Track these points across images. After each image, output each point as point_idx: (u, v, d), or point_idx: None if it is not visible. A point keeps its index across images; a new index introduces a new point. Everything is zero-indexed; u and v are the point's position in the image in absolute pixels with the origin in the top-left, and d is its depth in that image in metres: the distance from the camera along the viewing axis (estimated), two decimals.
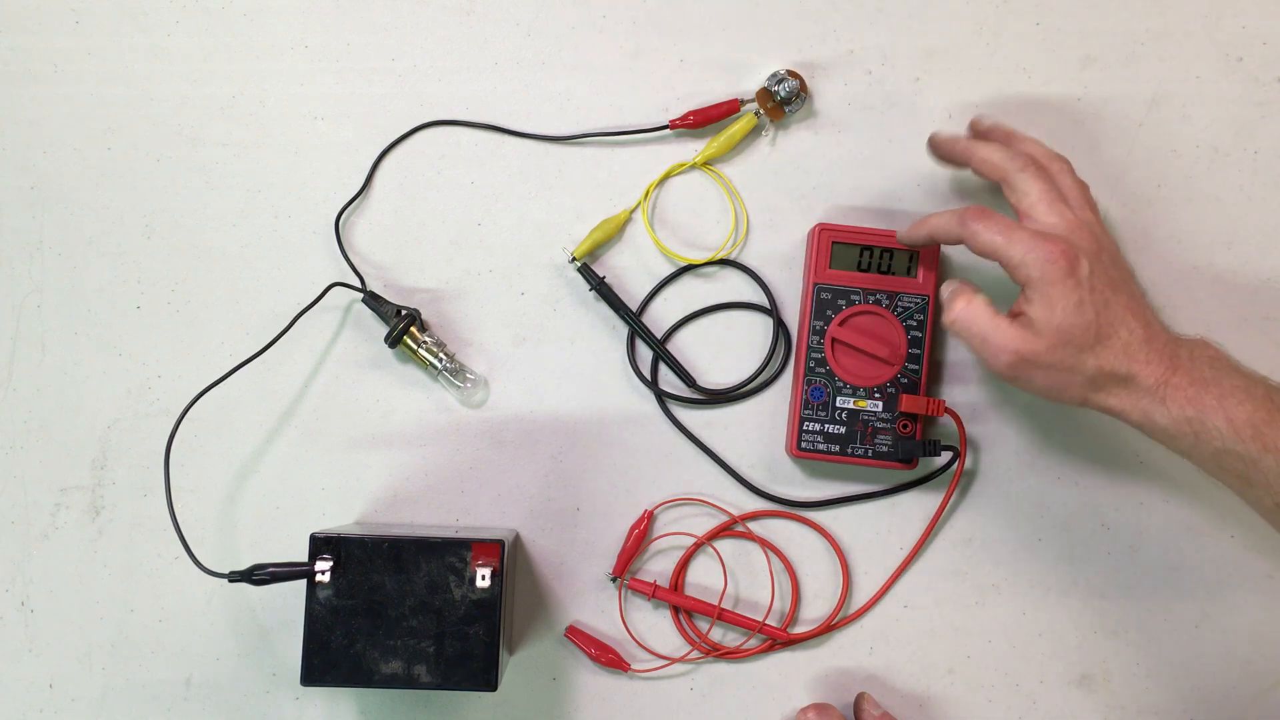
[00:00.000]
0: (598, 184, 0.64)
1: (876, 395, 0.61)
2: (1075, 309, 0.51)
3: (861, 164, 0.64)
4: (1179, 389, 0.51)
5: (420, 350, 0.62)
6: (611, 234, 0.63)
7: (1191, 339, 0.53)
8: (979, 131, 0.60)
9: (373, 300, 0.62)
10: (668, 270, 0.64)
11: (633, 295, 0.64)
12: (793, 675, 0.63)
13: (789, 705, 0.63)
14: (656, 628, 0.63)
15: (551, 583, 0.63)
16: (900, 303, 0.61)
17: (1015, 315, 0.54)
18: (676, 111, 0.64)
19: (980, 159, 0.57)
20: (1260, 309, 0.63)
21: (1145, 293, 0.55)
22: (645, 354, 0.64)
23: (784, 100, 0.62)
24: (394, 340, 0.61)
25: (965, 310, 0.54)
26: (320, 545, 0.53)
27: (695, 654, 0.63)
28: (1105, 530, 0.63)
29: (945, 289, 0.57)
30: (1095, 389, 0.52)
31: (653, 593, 0.62)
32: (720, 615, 0.62)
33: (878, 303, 0.61)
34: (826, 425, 0.61)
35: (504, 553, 0.54)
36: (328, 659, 0.53)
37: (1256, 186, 0.64)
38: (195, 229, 0.64)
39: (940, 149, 0.60)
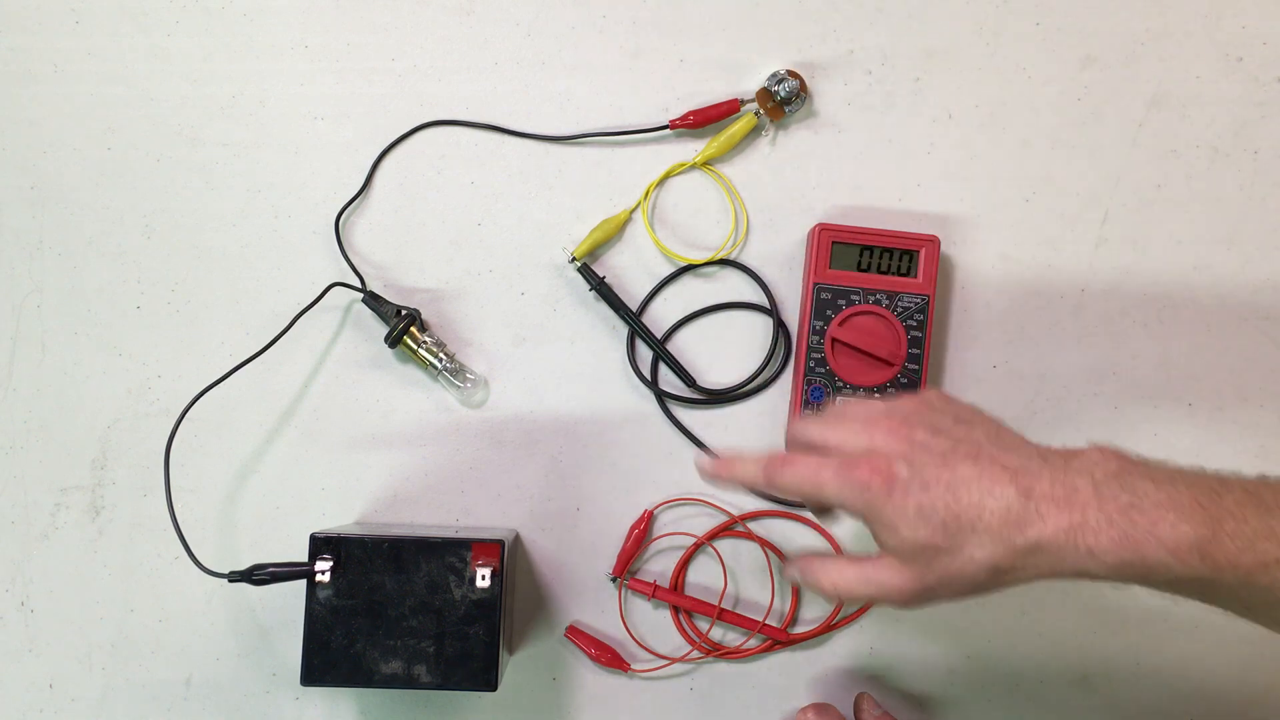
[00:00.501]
0: (598, 184, 0.64)
1: (876, 395, 0.61)
2: (919, 520, 0.43)
3: (861, 164, 0.64)
4: (1100, 533, 0.41)
5: (420, 350, 0.62)
6: (611, 234, 0.63)
7: (1080, 453, 0.44)
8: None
9: (373, 300, 0.62)
10: (668, 270, 0.64)
11: (633, 295, 0.64)
12: (793, 675, 0.63)
13: (789, 705, 0.63)
14: (656, 628, 0.63)
15: (551, 583, 0.63)
16: (900, 303, 0.61)
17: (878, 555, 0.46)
18: (676, 111, 0.64)
19: (749, 472, 0.49)
20: (1260, 309, 0.63)
21: (1001, 426, 0.46)
22: (645, 354, 0.64)
23: (784, 100, 0.62)
24: (394, 340, 0.61)
25: (838, 580, 0.47)
26: (320, 545, 0.53)
27: (695, 654, 0.63)
28: None
29: (793, 570, 0.49)
30: (1009, 573, 0.43)
31: (653, 593, 0.62)
32: (720, 615, 0.62)
33: (878, 303, 0.61)
34: None
35: (504, 553, 0.54)
36: (328, 659, 0.53)
37: (1256, 186, 0.64)
38: (195, 229, 0.64)
39: (710, 473, 0.51)
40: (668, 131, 0.64)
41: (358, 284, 0.63)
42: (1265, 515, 0.41)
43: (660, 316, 0.64)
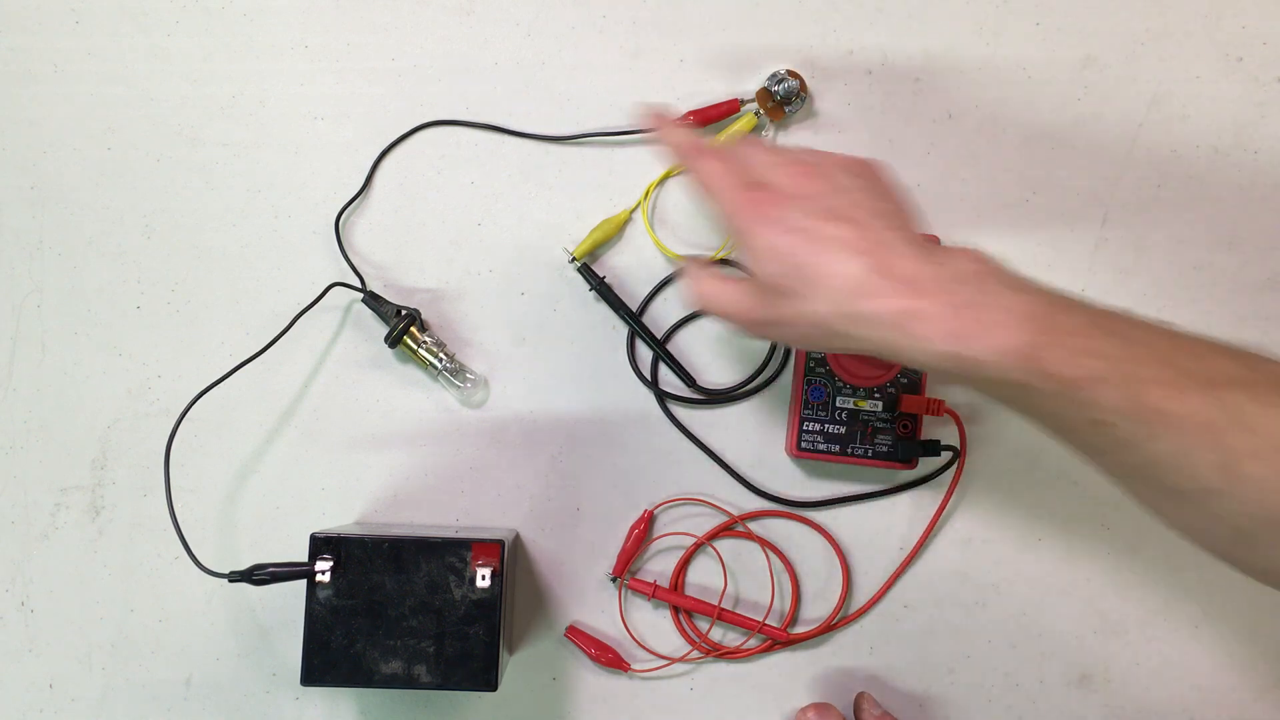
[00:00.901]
0: (598, 184, 0.64)
1: (876, 395, 0.61)
2: (773, 256, 0.45)
3: None
4: (934, 321, 0.42)
5: (420, 350, 0.62)
6: (611, 234, 0.63)
7: (957, 250, 0.45)
8: None
9: (373, 300, 0.62)
10: (668, 270, 0.64)
11: (633, 295, 0.64)
12: (793, 675, 0.63)
13: (789, 705, 0.63)
14: (656, 628, 0.63)
15: (551, 583, 0.63)
16: None
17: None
18: (677, 112, 0.64)
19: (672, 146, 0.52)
20: (1260, 309, 0.63)
21: (905, 214, 0.46)
22: (645, 354, 0.64)
23: (784, 100, 0.62)
24: (394, 340, 0.61)
25: (703, 289, 0.50)
26: (320, 545, 0.53)
27: (695, 654, 0.63)
28: (1105, 530, 0.63)
29: (682, 275, 0.52)
30: (840, 336, 0.44)
31: (653, 593, 0.62)
32: (720, 615, 0.62)
33: None
34: (826, 425, 0.61)
35: (504, 553, 0.54)
36: (328, 659, 0.53)
37: (1256, 186, 0.64)
38: (195, 229, 0.64)
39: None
40: None
41: (358, 284, 0.63)
42: (1102, 337, 0.42)
43: (660, 316, 0.64)
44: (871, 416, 0.60)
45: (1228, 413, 0.40)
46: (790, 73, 0.62)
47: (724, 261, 0.64)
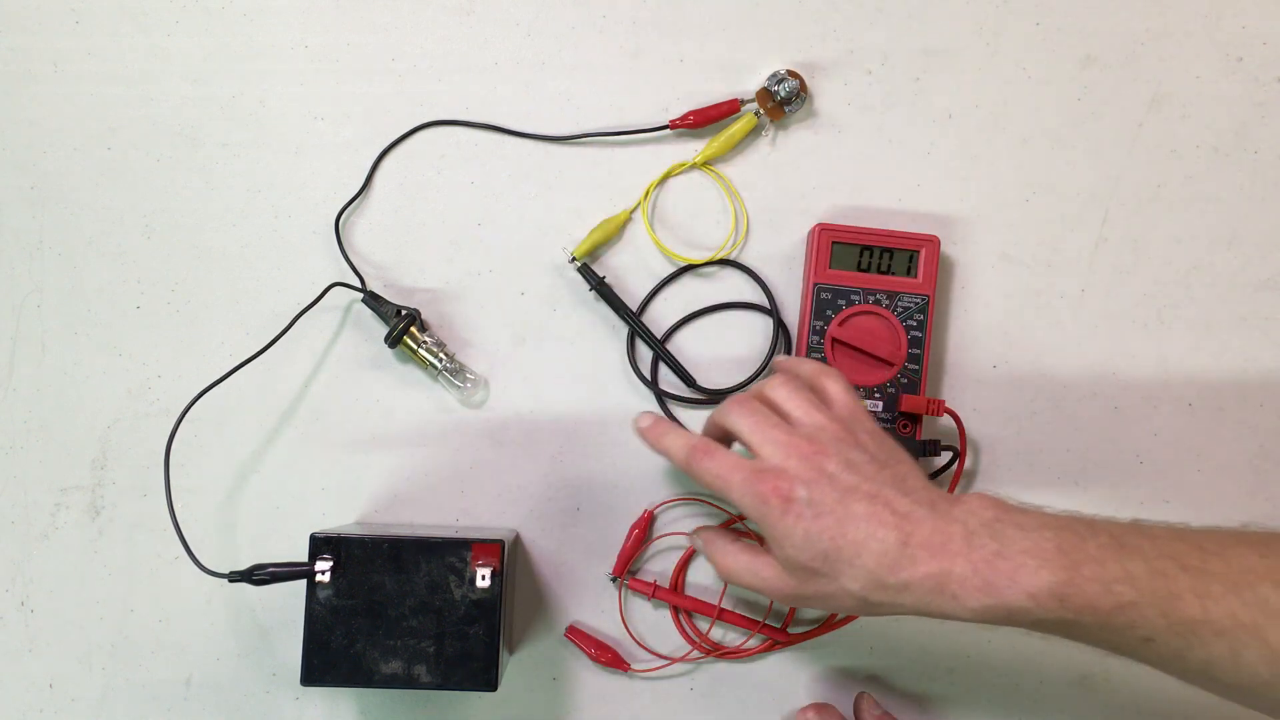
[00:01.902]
0: (598, 184, 0.64)
1: (876, 395, 0.61)
2: (804, 543, 0.46)
3: (861, 164, 0.64)
4: (965, 581, 0.44)
5: (420, 350, 0.62)
6: (611, 234, 0.63)
7: (964, 500, 0.47)
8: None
9: (373, 300, 0.62)
10: (668, 270, 0.64)
11: (633, 295, 0.64)
12: (793, 675, 0.63)
13: (789, 705, 0.63)
14: (656, 628, 0.63)
15: (551, 583, 0.63)
16: (900, 303, 0.61)
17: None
18: (676, 111, 0.64)
19: (678, 444, 0.53)
20: (1260, 309, 0.63)
21: (909, 473, 0.49)
22: (645, 354, 0.64)
23: (784, 100, 0.62)
24: (394, 340, 0.61)
25: (730, 565, 0.52)
26: (320, 545, 0.53)
27: (695, 654, 0.63)
28: None
29: (696, 540, 0.56)
30: (870, 604, 0.47)
31: (653, 593, 0.62)
32: (720, 615, 0.62)
33: (878, 303, 0.61)
34: None
35: (504, 553, 0.54)
36: (328, 659, 0.53)
37: (1256, 186, 0.64)
38: (195, 229, 0.64)
39: (648, 438, 0.55)
40: (668, 131, 0.64)
41: (358, 284, 0.63)
42: (1124, 559, 0.44)
43: (660, 316, 0.64)
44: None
45: (1262, 609, 0.43)
46: (790, 73, 0.62)
47: (725, 261, 0.64)
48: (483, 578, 0.53)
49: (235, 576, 0.53)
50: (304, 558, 0.53)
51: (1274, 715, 0.45)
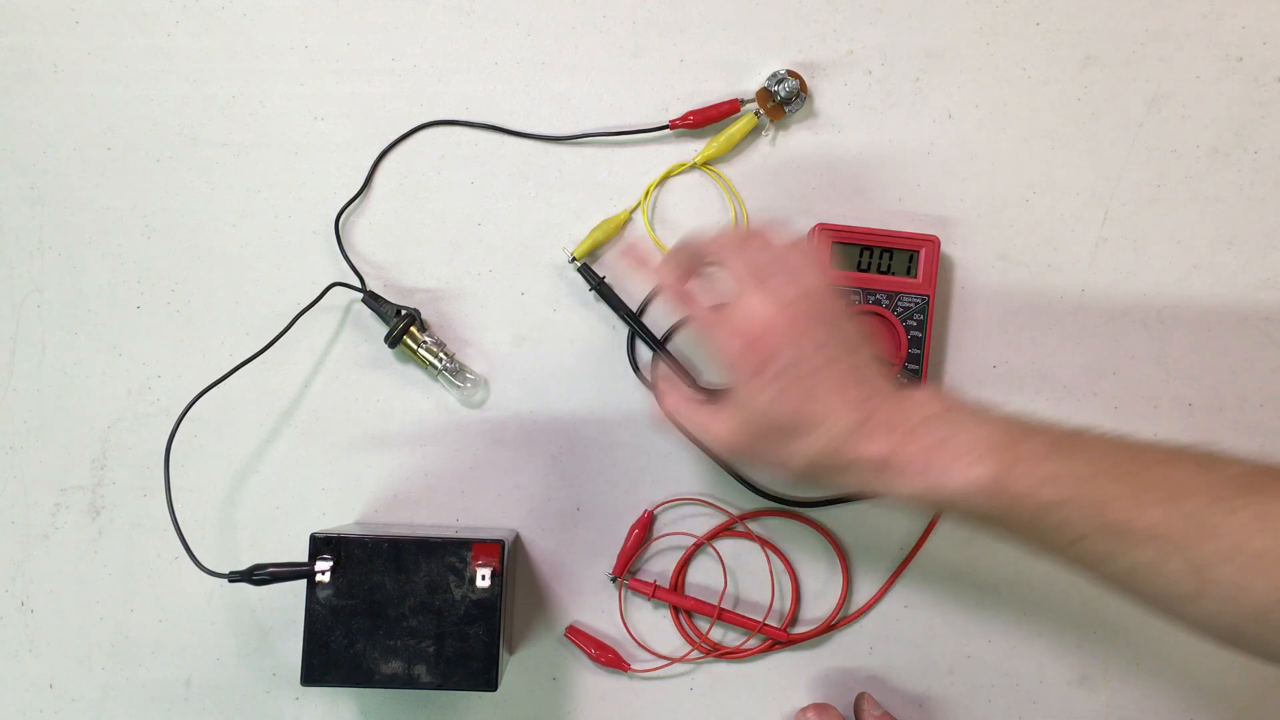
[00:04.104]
0: (598, 184, 0.64)
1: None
2: (769, 404, 0.49)
3: (861, 164, 0.64)
4: (909, 463, 0.46)
5: (420, 350, 0.62)
6: (611, 234, 0.63)
7: (919, 392, 0.49)
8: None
9: (373, 300, 0.62)
10: None
11: (633, 295, 0.64)
12: (793, 675, 0.63)
13: (789, 705, 0.63)
14: (656, 628, 0.63)
15: (551, 583, 0.63)
16: (900, 303, 0.61)
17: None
18: (676, 111, 0.64)
19: (675, 261, 0.55)
20: (1260, 309, 0.63)
21: (870, 356, 0.50)
22: (645, 354, 0.64)
23: (784, 100, 0.62)
24: (394, 340, 0.61)
25: (678, 404, 0.55)
26: (320, 545, 0.53)
27: (695, 654, 0.63)
28: None
29: (659, 397, 0.58)
30: (821, 477, 0.50)
31: (653, 593, 0.62)
32: (720, 615, 0.62)
33: (878, 303, 0.61)
34: None
35: (504, 553, 0.54)
36: (328, 659, 0.53)
37: (1256, 186, 0.64)
38: (195, 229, 0.64)
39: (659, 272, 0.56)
40: (668, 131, 0.64)
41: (358, 284, 0.63)
42: (1061, 459, 0.45)
43: (660, 316, 0.64)
44: None
45: (1190, 521, 0.43)
46: (790, 73, 0.62)
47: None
48: (483, 578, 0.53)
49: (235, 576, 0.53)
50: (304, 558, 0.53)
51: (1190, 629, 0.45)
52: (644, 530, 0.63)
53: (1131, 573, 0.44)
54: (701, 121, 0.63)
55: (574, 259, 0.63)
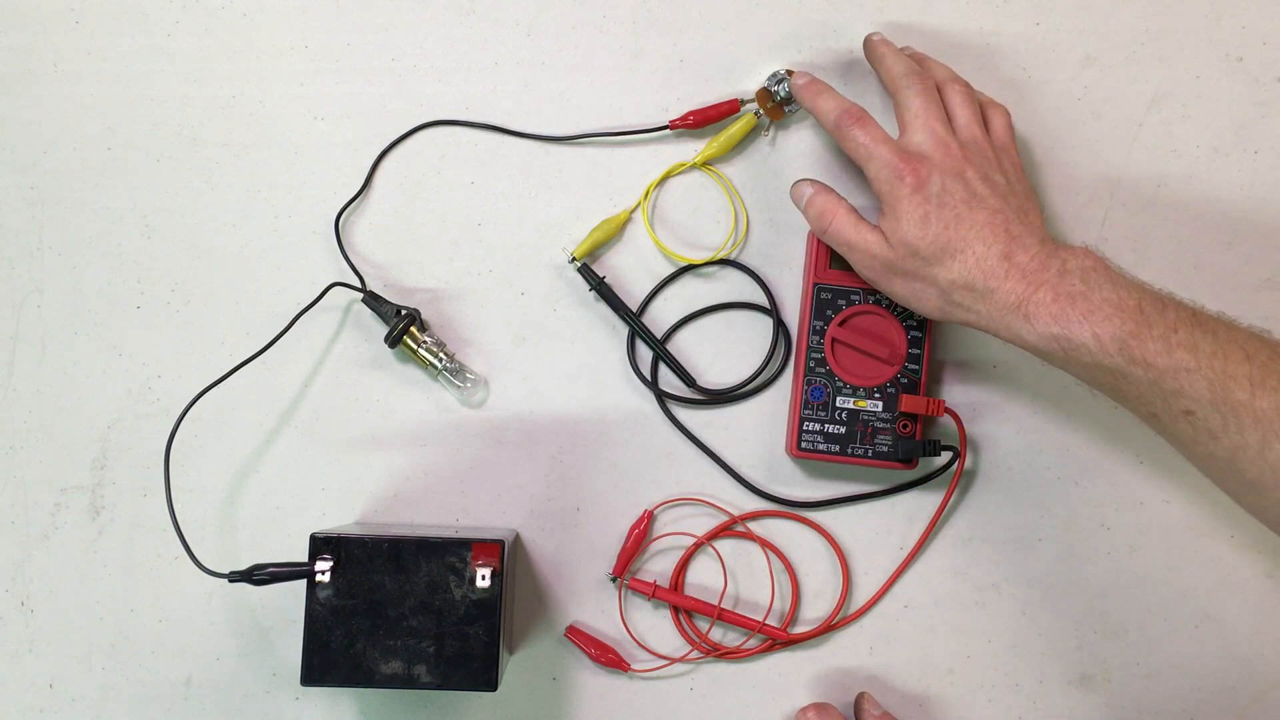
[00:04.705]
0: (598, 184, 0.64)
1: (876, 395, 0.61)
2: (919, 223, 0.52)
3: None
4: (1043, 306, 0.49)
5: (420, 350, 0.62)
6: (611, 234, 0.63)
7: (1071, 248, 0.52)
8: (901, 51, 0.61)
9: (373, 300, 0.62)
10: (668, 270, 0.64)
11: (633, 295, 0.64)
12: (793, 675, 0.63)
13: (789, 705, 0.63)
14: (656, 628, 0.63)
15: (551, 583, 0.63)
16: None
17: (877, 224, 0.55)
18: (676, 111, 0.64)
19: (884, 69, 0.59)
20: (1260, 309, 0.63)
21: (1034, 212, 0.54)
22: (645, 354, 0.64)
23: (784, 100, 0.62)
24: (394, 340, 0.61)
25: (838, 220, 0.56)
26: (320, 545, 0.53)
27: (695, 654, 0.63)
28: (1105, 530, 0.63)
29: (802, 191, 0.58)
30: (951, 302, 0.53)
31: (653, 593, 0.62)
32: (720, 615, 0.62)
33: (878, 303, 0.61)
34: (826, 425, 0.61)
35: (504, 553, 0.54)
36: (328, 659, 0.53)
37: (1256, 186, 0.64)
38: (195, 229, 0.64)
39: (867, 50, 0.61)
40: (667, 131, 0.64)
41: (358, 284, 0.63)
42: (1196, 332, 0.48)
43: (660, 316, 0.64)
44: (871, 416, 0.60)
45: None
46: (790, 73, 0.62)
47: (725, 261, 0.64)
48: (483, 578, 0.53)
49: (235, 576, 0.53)
50: (304, 558, 0.53)
51: (1269, 521, 0.47)
52: (644, 530, 0.63)
53: (1234, 452, 0.46)
54: (701, 121, 0.63)
55: (574, 259, 0.63)
